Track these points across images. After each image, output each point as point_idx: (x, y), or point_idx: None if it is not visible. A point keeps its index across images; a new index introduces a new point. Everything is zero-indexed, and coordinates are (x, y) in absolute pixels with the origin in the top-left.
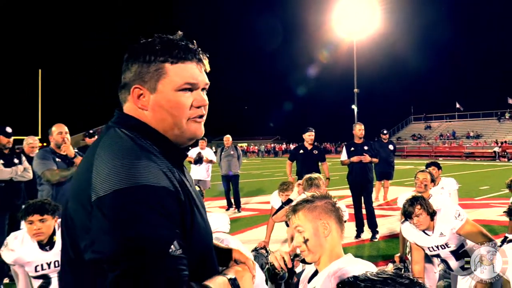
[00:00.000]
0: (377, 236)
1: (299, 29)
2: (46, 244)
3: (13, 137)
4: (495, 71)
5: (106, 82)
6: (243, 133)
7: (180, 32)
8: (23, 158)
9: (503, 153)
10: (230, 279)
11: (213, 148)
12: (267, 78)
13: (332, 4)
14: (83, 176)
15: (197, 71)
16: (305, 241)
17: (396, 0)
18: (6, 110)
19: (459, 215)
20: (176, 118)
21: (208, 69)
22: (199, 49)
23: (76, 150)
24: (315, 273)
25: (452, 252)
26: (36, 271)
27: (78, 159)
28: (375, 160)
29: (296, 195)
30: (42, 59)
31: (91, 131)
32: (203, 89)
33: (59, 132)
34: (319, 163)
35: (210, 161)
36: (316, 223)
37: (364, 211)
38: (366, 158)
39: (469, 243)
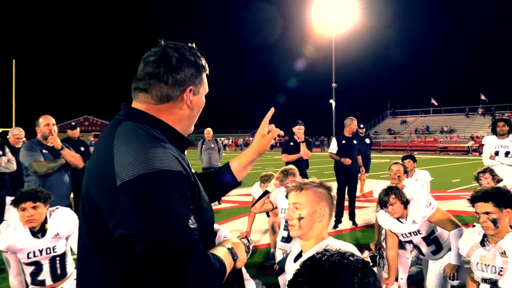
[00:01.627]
0: (357, 222)
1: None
2: (38, 232)
3: None
4: (469, 67)
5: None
6: (222, 126)
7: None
8: (7, 150)
9: (475, 147)
10: (228, 249)
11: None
12: (246, 73)
13: (310, 1)
14: (105, 165)
15: None
16: (300, 218)
17: None
18: None
19: (430, 203)
20: (196, 117)
21: None
22: None
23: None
24: (300, 253)
25: (424, 238)
26: (28, 258)
27: (65, 151)
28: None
29: (272, 187)
30: (16, 49)
31: (73, 123)
32: None
33: (46, 123)
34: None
35: None
36: (315, 206)
37: (346, 203)
38: (346, 160)
39: (439, 230)
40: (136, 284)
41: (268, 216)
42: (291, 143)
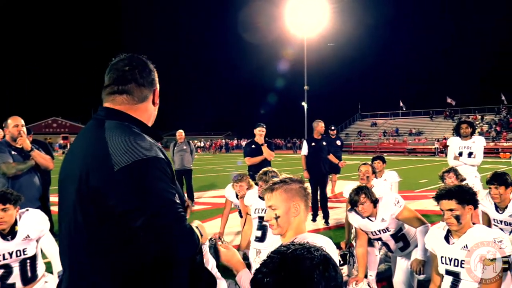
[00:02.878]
0: (329, 222)
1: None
2: (7, 234)
3: None
4: (436, 71)
5: (48, 74)
6: (194, 129)
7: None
8: None
9: (442, 149)
10: (196, 227)
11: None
12: (219, 75)
13: (283, 2)
14: (101, 154)
15: None
16: (277, 217)
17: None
18: None
19: (398, 202)
20: (155, 112)
21: None
22: None
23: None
24: None
25: (392, 235)
26: None
27: (35, 152)
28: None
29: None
30: None
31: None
32: None
33: (15, 124)
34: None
35: None
36: (289, 204)
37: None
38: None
39: (407, 227)
40: (128, 266)
41: (241, 216)
42: (253, 146)
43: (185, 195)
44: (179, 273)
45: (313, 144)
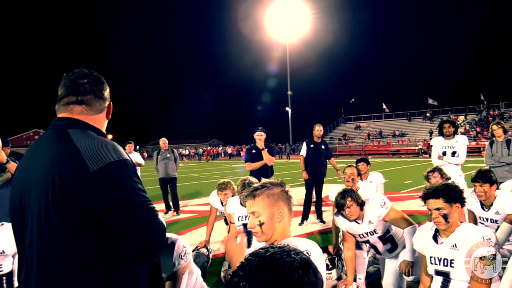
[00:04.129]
0: (325, 220)
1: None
2: None
3: None
4: (417, 73)
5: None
6: (178, 137)
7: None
8: None
9: (425, 149)
10: None
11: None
12: (204, 81)
13: (265, 8)
14: (73, 158)
15: None
16: (261, 224)
17: (326, 5)
18: None
19: (384, 203)
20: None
21: None
22: None
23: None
24: None
25: (380, 237)
26: None
27: (11, 165)
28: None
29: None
30: None
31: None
32: None
33: None
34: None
35: (139, 165)
36: (272, 209)
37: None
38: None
39: (394, 229)
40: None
41: (227, 224)
42: (253, 151)
43: (170, 203)
44: (145, 270)
45: (311, 146)
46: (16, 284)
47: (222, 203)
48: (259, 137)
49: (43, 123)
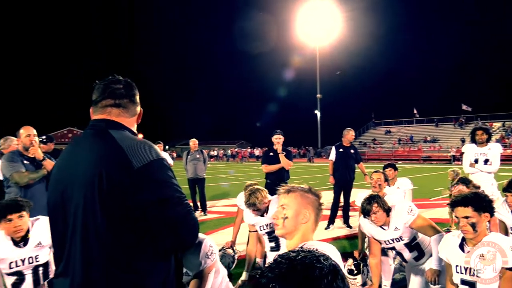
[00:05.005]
0: (351, 225)
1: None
2: (20, 241)
3: None
4: (452, 78)
5: (64, 85)
6: (207, 138)
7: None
8: None
9: (458, 156)
10: None
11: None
12: (233, 84)
13: (295, 12)
14: (119, 157)
15: None
16: (285, 218)
17: (358, 7)
18: None
19: (411, 210)
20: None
21: None
22: None
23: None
24: None
25: (406, 245)
26: (10, 267)
27: (47, 162)
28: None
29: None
30: None
31: (44, 138)
32: None
33: (27, 134)
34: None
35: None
36: (300, 208)
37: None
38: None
39: (421, 236)
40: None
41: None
42: (271, 153)
43: (198, 203)
44: (172, 263)
45: (341, 150)
46: (51, 275)
47: None
48: (277, 140)
49: (76, 122)
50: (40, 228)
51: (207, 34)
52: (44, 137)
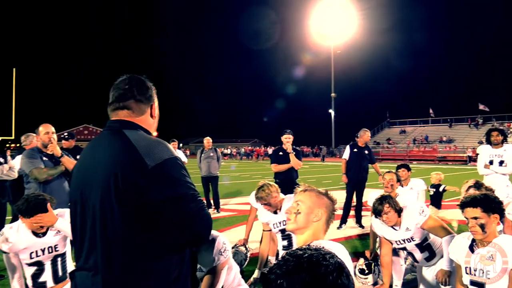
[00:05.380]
0: (364, 225)
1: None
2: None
3: None
4: (468, 77)
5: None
6: (221, 136)
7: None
8: (8, 158)
9: (474, 157)
10: None
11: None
12: (247, 82)
13: (310, 10)
14: (133, 157)
15: None
16: (297, 213)
17: (373, 6)
18: None
19: (422, 211)
20: (155, 124)
21: None
22: None
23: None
24: None
25: (417, 245)
26: (31, 258)
27: (65, 158)
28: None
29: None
30: (16, 58)
31: (66, 135)
32: None
33: (46, 132)
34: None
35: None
36: (314, 207)
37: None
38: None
39: (432, 237)
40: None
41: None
42: (280, 153)
43: (211, 201)
44: (188, 259)
45: (355, 150)
46: (69, 266)
47: None
48: (287, 139)
49: (91, 119)
50: (60, 220)
51: (222, 32)
52: (66, 134)
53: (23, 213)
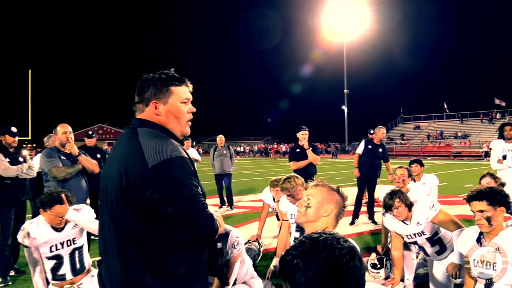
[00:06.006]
0: (376, 221)
1: (289, 30)
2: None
3: (17, 137)
4: (483, 72)
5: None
6: (234, 134)
7: (172, 69)
8: (27, 157)
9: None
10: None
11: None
12: (259, 80)
13: (322, 6)
14: (137, 155)
15: (188, 92)
16: (308, 206)
17: (386, 1)
18: None
19: (433, 205)
20: (179, 119)
21: (191, 90)
22: (187, 78)
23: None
24: None
25: (428, 239)
26: (51, 251)
27: (82, 157)
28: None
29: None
30: (32, 59)
31: (90, 132)
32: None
33: (64, 131)
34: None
35: (196, 160)
36: (324, 202)
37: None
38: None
39: (443, 231)
40: (165, 236)
41: (278, 219)
42: (297, 150)
43: (225, 198)
44: (199, 256)
45: (369, 146)
46: (86, 259)
47: (274, 199)
48: (304, 136)
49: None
50: (77, 214)
51: (237, 30)
52: (90, 131)
53: (44, 205)
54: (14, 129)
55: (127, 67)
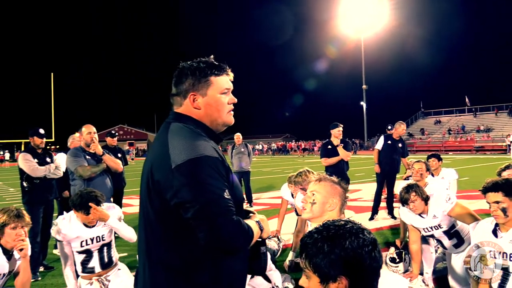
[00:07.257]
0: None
1: (307, 26)
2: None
3: (45, 139)
4: (505, 64)
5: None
6: (253, 131)
7: (212, 56)
8: (54, 157)
9: None
10: (257, 221)
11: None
12: (276, 76)
13: (339, 1)
14: (163, 154)
15: (229, 81)
16: (313, 203)
17: None
18: (19, 113)
19: (449, 199)
20: (219, 111)
21: (232, 79)
22: (227, 66)
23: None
24: None
25: (445, 232)
26: (81, 246)
27: (106, 156)
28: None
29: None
30: (54, 63)
31: (113, 132)
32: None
33: (88, 132)
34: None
35: None
36: (328, 197)
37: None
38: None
39: (460, 224)
40: (186, 239)
41: (298, 214)
42: (329, 146)
43: (244, 196)
44: (230, 264)
45: (389, 142)
46: (114, 254)
47: (292, 195)
48: (339, 132)
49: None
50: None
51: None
52: (113, 131)
53: (76, 207)
54: (41, 131)
55: (147, 68)
